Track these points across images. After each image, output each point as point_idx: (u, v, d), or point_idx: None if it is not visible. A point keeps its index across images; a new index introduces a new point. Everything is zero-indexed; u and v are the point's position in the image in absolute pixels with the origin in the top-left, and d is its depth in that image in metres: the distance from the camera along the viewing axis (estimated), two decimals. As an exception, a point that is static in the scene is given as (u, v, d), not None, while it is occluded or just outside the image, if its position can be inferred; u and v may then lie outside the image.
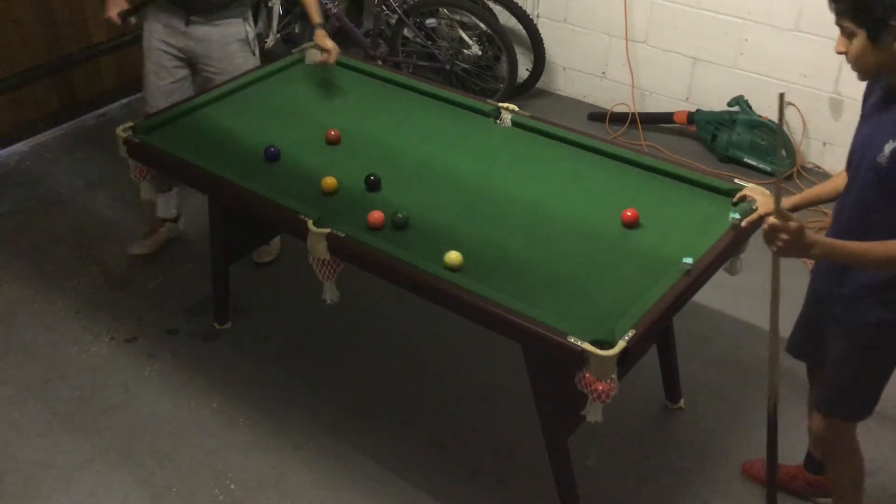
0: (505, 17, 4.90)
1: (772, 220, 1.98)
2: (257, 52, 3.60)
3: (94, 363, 3.29)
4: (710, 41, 4.46)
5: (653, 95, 4.78)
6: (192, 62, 3.52)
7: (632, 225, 2.64)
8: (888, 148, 2.01)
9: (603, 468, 2.87)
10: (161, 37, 3.43)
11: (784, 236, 1.98)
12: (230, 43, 3.49)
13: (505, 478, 2.86)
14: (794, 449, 2.88)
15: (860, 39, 2.06)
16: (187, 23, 3.40)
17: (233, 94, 3.34)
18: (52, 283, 3.68)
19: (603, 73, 4.89)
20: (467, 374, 3.25)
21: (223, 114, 3.24)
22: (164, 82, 3.50)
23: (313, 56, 3.53)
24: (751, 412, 3.08)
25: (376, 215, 2.63)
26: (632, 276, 2.45)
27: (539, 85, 5.06)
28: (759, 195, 2.61)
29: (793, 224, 1.96)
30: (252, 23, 3.57)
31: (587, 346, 2.13)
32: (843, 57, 4.48)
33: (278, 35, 5.13)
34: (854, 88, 4.15)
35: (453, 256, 2.45)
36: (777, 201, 1.98)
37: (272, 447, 2.95)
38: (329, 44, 3.41)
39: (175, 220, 3.84)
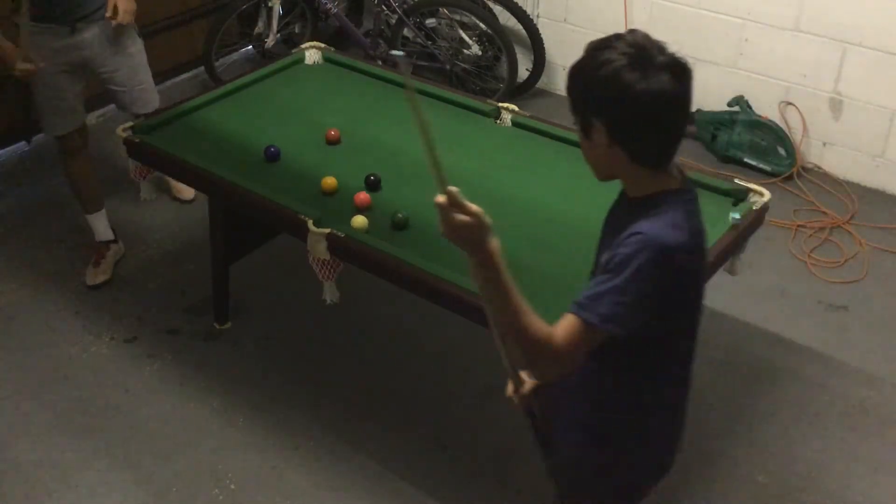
0: (505, 17, 4.90)
1: (440, 199, 1.54)
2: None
3: (94, 363, 3.29)
4: (710, 41, 4.46)
5: (653, 95, 4.77)
6: (85, 71, 3.46)
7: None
8: (603, 259, 1.67)
9: (603, 468, 2.87)
10: (51, 58, 3.32)
11: (448, 223, 1.53)
12: (120, 35, 3.42)
13: (505, 478, 2.86)
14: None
15: (579, 131, 1.69)
16: (73, 31, 3.30)
17: (233, 94, 3.34)
18: (52, 283, 3.67)
19: (603, 73, 4.89)
20: (467, 374, 3.24)
21: (223, 114, 3.24)
22: (66, 101, 3.44)
23: (313, 56, 3.53)
24: (751, 412, 3.08)
25: (362, 196, 2.71)
26: (632, 276, 2.45)
27: (539, 85, 5.06)
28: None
29: (463, 219, 1.52)
30: None
31: (587, 346, 2.13)
32: (843, 56, 4.51)
33: (278, 35, 5.13)
34: (854, 88, 4.15)
35: (359, 220, 2.62)
36: (441, 181, 1.54)
37: (272, 447, 2.95)
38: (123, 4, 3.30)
39: (115, 241, 3.77)
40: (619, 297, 1.58)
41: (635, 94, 1.54)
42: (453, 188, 1.53)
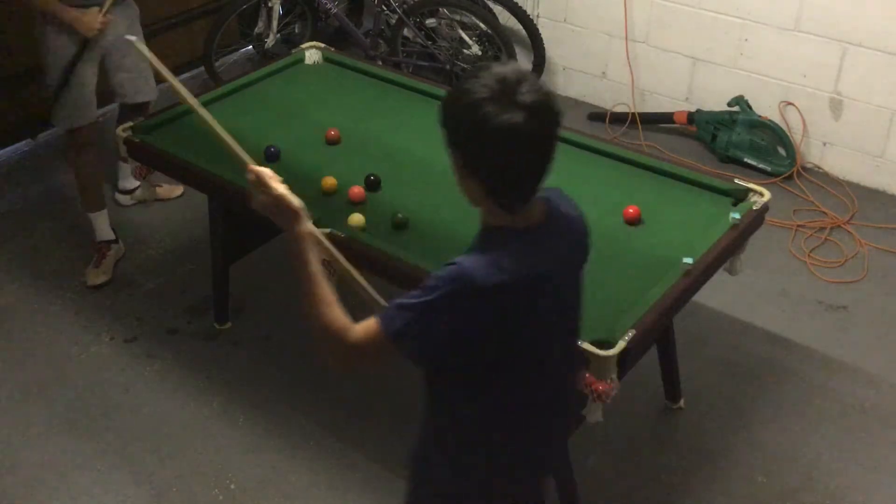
0: (505, 17, 4.90)
1: (249, 175, 1.71)
2: None
3: (94, 363, 3.29)
4: (710, 41, 4.46)
5: (653, 95, 4.77)
6: (101, 61, 3.54)
7: (633, 222, 2.64)
8: None
9: (603, 468, 2.87)
10: (82, 43, 3.38)
11: (252, 198, 1.71)
12: (133, 22, 3.55)
13: (505, 478, 2.85)
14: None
15: None
16: (106, 13, 3.37)
17: (233, 94, 3.35)
18: (52, 283, 3.67)
19: (603, 73, 4.89)
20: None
21: (223, 114, 3.22)
22: (89, 91, 3.50)
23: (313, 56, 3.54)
24: (751, 412, 3.08)
25: (356, 190, 2.73)
26: (632, 276, 2.45)
27: (539, 85, 5.05)
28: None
29: (263, 199, 1.70)
30: None
31: (587, 345, 2.13)
32: (842, 57, 4.51)
33: (278, 35, 5.13)
34: (854, 88, 4.15)
35: (356, 219, 2.63)
36: (241, 161, 1.74)
37: (272, 447, 2.95)
38: None
39: (116, 241, 3.77)
40: (417, 318, 1.56)
41: (486, 128, 1.49)
42: (256, 168, 1.69)
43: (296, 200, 1.69)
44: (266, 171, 1.70)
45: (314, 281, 1.65)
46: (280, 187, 1.69)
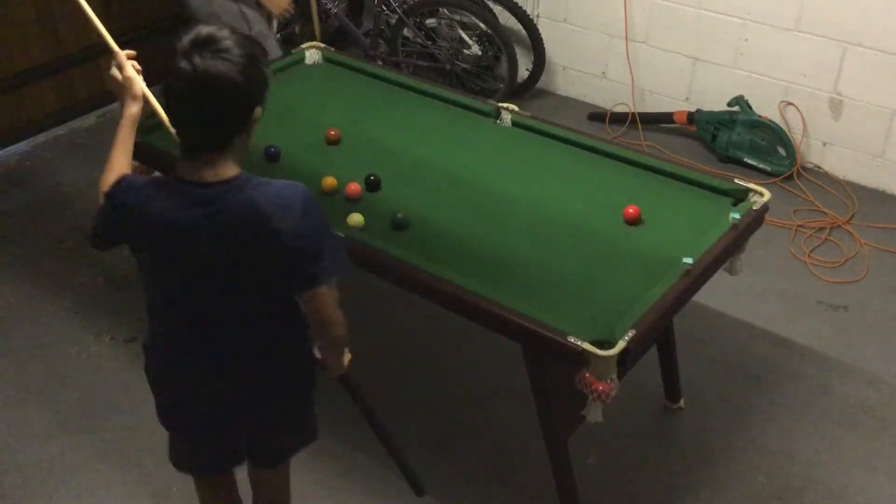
0: (505, 17, 4.90)
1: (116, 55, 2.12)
2: None
3: (94, 363, 3.29)
4: (710, 41, 4.46)
5: (653, 95, 4.78)
6: None
7: (634, 222, 2.64)
8: None
9: (603, 468, 2.87)
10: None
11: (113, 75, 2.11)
12: None
13: (505, 478, 2.86)
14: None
15: None
16: None
17: (233, 94, 3.34)
18: (52, 283, 3.67)
19: (603, 73, 4.89)
20: (467, 374, 3.24)
21: (223, 114, 3.23)
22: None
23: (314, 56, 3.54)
24: (751, 412, 3.08)
25: (353, 187, 2.74)
26: (632, 275, 2.45)
27: (539, 85, 5.06)
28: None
29: (114, 74, 2.10)
30: None
31: (587, 346, 2.13)
32: (843, 56, 4.51)
33: (278, 35, 5.12)
34: (854, 88, 4.15)
35: (355, 218, 2.62)
36: (108, 46, 2.23)
37: (272, 447, 2.95)
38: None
39: None
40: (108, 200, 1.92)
41: (165, 71, 1.73)
42: (118, 51, 2.14)
43: (138, 89, 2.10)
44: (122, 55, 2.12)
45: (113, 147, 2.05)
46: (131, 72, 2.10)
